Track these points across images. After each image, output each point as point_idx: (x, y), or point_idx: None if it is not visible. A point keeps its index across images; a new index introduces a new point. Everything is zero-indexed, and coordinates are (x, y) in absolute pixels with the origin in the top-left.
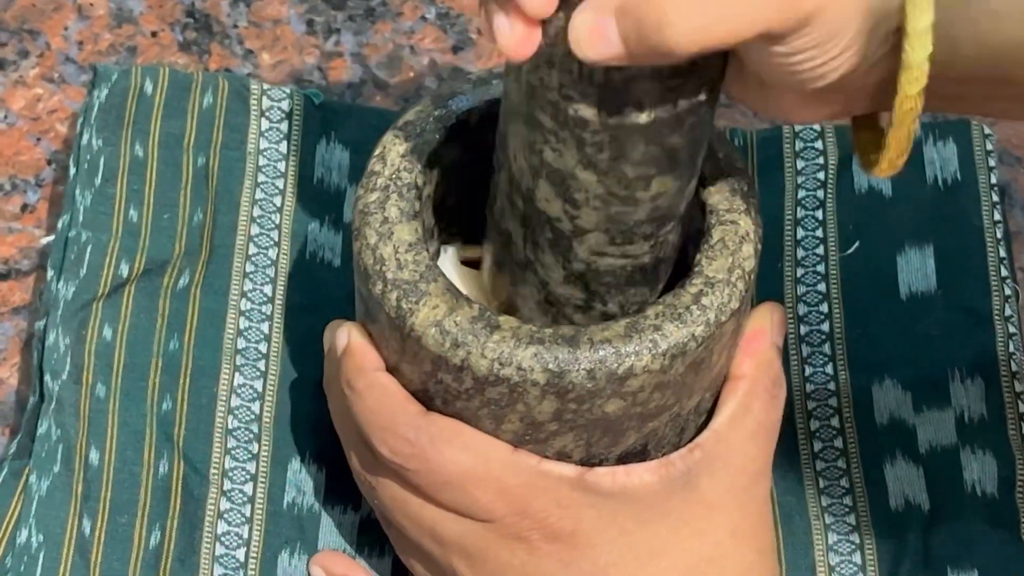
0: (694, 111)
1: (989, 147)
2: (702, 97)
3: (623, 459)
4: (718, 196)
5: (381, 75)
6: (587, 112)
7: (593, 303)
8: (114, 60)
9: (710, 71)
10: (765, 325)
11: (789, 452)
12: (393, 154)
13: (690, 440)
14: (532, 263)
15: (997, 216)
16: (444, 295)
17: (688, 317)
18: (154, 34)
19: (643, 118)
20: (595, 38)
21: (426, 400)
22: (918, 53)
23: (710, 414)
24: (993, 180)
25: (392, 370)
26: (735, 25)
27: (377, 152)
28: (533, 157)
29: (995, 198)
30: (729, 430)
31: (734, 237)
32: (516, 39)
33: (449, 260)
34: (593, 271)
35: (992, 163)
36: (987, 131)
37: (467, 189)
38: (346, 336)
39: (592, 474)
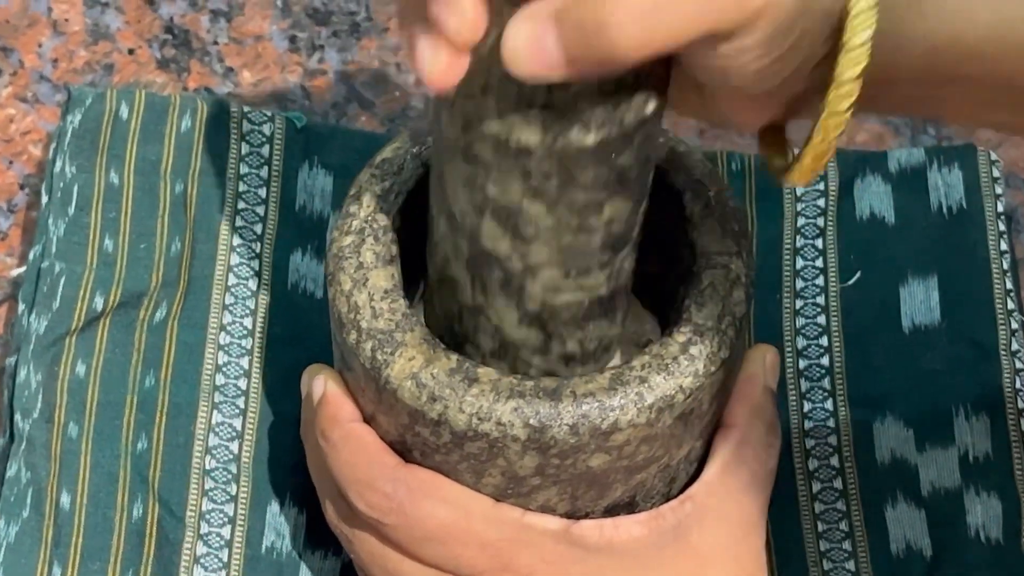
0: (642, 126)
1: (996, 173)
2: (649, 110)
3: (610, 511)
4: (708, 237)
5: (366, 94)
6: (530, 139)
7: (551, 344)
8: (90, 79)
9: (655, 81)
10: (759, 370)
11: (786, 493)
12: (369, 195)
13: (681, 490)
14: (483, 309)
15: (1004, 246)
16: (421, 346)
17: (675, 368)
18: (131, 51)
19: (590, 139)
20: (532, 51)
21: (404, 451)
22: (850, 69)
23: (702, 462)
24: (1000, 208)
25: (369, 420)
26: (683, 24)
27: (353, 192)
28: (475, 194)
29: (1002, 227)
30: (722, 481)
31: (724, 282)
32: (439, 67)
33: None
34: (549, 309)
35: (999, 190)
36: (994, 157)
37: None
38: (322, 385)
39: (578, 527)
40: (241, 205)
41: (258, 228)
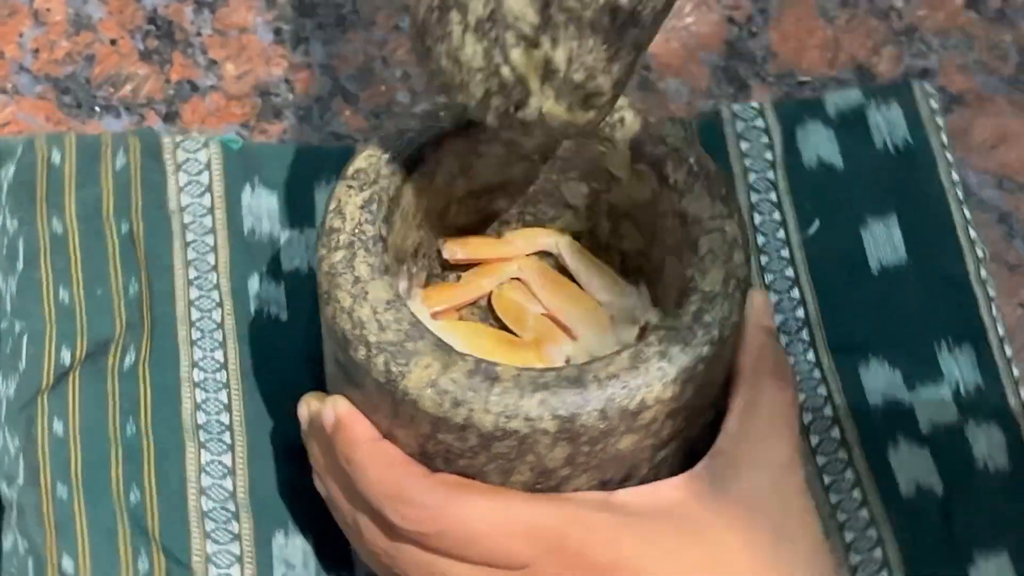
0: None
1: (934, 105)
2: None
3: None
4: (698, 204)
5: (351, 88)
6: None
7: None
8: (71, 70)
9: None
10: (748, 313)
11: None
12: (351, 207)
13: (698, 460)
14: None
15: (955, 176)
16: (435, 352)
17: (692, 338)
18: (113, 42)
19: None
20: None
21: (426, 462)
22: None
23: (716, 428)
24: (944, 140)
25: (385, 436)
26: None
27: (332, 206)
28: None
29: (950, 158)
30: (744, 429)
31: (723, 245)
32: None
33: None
34: None
35: (940, 122)
36: (929, 90)
37: (427, 227)
38: (332, 410)
39: (616, 496)
40: (190, 237)
41: (211, 258)
